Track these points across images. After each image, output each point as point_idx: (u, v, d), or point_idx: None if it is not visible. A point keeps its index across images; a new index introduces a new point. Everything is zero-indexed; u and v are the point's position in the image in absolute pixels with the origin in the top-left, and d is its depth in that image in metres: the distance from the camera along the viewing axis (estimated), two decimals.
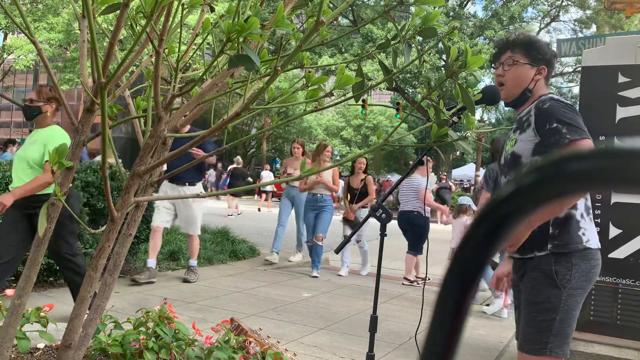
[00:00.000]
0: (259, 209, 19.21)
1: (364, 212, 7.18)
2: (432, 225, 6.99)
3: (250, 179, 17.93)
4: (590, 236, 2.11)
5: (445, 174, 21.22)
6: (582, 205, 2.12)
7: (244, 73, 1.65)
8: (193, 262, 6.02)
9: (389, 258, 7.29)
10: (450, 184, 15.20)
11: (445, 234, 8.60)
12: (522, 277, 2.17)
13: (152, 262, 5.69)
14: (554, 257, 2.05)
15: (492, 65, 2.35)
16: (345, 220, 7.66)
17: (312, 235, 7.24)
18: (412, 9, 1.37)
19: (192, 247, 6.02)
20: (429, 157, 4.73)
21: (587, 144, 2.01)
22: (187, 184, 5.78)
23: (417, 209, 6.94)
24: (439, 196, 17.22)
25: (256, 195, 23.90)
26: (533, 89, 2.22)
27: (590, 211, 2.18)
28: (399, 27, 1.39)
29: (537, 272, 2.07)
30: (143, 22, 1.32)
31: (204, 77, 1.48)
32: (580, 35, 24.26)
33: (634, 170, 0.31)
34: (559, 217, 2.08)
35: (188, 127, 4.94)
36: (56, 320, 2.47)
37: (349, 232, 7.39)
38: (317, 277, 6.96)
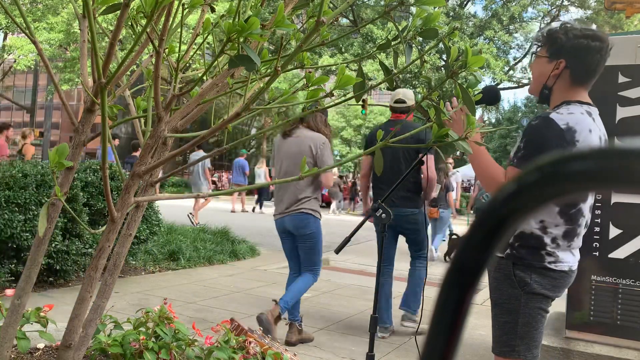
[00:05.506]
0: (253, 209, 19.16)
1: None
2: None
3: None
4: (560, 257, 1.97)
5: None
6: (558, 230, 1.96)
7: (244, 73, 1.65)
8: None
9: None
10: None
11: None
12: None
13: None
14: (512, 262, 1.99)
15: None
16: None
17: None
18: (413, 9, 1.37)
19: None
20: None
21: (512, 172, 1.92)
22: None
23: None
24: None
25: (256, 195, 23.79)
26: (553, 87, 2.02)
27: (577, 237, 2.00)
28: (400, 28, 1.39)
29: (499, 272, 2.02)
30: (143, 22, 1.32)
31: (204, 77, 1.48)
32: None
33: (634, 170, 0.31)
34: (520, 230, 1.96)
35: None
36: (56, 321, 2.47)
37: None
38: None
